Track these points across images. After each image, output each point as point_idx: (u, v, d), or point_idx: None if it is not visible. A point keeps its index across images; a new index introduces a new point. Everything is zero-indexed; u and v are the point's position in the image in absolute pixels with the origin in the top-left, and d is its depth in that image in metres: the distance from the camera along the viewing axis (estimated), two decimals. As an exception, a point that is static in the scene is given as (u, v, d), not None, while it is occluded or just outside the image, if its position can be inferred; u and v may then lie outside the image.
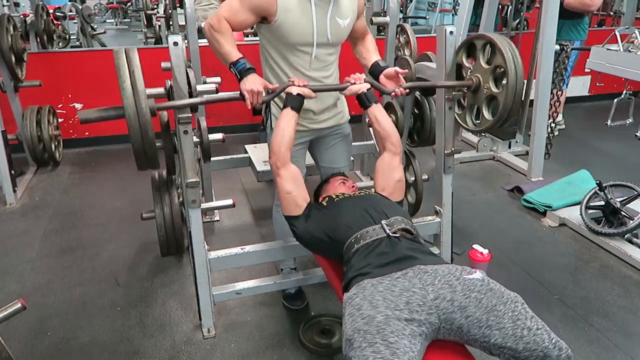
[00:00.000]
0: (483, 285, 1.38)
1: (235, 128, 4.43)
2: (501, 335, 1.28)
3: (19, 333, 2.10)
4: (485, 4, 3.63)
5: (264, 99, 1.82)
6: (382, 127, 1.91)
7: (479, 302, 1.33)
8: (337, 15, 1.88)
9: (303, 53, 1.90)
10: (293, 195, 1.79)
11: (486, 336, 1.30)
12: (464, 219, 2.96)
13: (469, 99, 2.09)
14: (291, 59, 1.91)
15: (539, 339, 1.27)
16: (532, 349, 1.26)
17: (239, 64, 1.81)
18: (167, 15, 5.57)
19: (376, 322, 1.27)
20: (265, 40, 1.94)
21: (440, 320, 1.33)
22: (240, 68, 1.81)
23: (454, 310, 1.33)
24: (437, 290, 1.36)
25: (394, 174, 1.89)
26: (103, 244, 2.80)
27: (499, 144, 3.95)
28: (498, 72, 1.91)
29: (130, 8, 10.27)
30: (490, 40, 1.90)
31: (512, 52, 1.85)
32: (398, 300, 1.34)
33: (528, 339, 1.26)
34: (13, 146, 3.44)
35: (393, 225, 1.61)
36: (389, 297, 1.35)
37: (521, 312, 1.32)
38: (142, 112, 1.57)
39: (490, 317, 1.31)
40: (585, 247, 2.73)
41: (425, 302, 1.34)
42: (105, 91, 3.80)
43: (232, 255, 2.07)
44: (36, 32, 4.24)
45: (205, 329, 2.09)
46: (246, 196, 3.39)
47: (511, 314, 1.31)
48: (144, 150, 1.65)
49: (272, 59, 1.94)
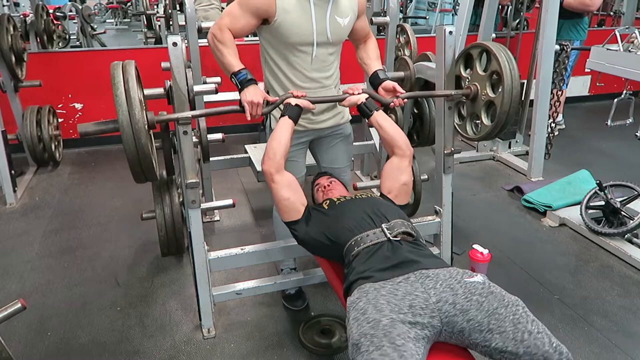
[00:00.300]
0: (484, 289, 1.38)
1: (235, 128, 4.43)
2: (502, 339, 1.28)
3: (19, 333, 2.10)
4: (485, 4, 3.63)
5: (263, 111, 1.85)
6: (386, 133, 1.91)
7: (480, 305, 1.33)
8: (337, 14, 1.88)
9: (303, 53, 1.90)
10: (291, 200, 1.78)
11: (487, 340, 1.30)
12: (464, 219, 2.96)
13: (468, 108, 2.11)
14: (291, 60, 1.91)
15: (540, 343, 1.26)
16: (532, 352, 1.25)
17: (240, 75, 1.83)
18: (167, 15, 5.58)
19: (382, 326, 1.28)
20: (265, 42, 1.94)
21: (442, 324, 1.33)
22: (241, 79, 1.82)
23: (456, 314, 1.33)
24: (439, 294, 1.37)
25: (401, 176, 1.89)
26: (103, 244, 2.80)
27: (499, 144, 3.96)
28: (494, 78, 1.94)
29: (130, 9, 10.27)
30: (485, 47, 1.95)
31: (506, 56, 1.89)
32: (401, 303, 1.35)
33: (529, 343, 1.26)
34: (13, 146, 3.44)
35: (393, 228, 1.62)
36: (392, 300, 1.36)
37: (522, 315, 1.32)
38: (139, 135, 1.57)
39: (491, 321, 1.31)
40: (585, 247, 2.73)
41: (427, 305, 1.34)
42: (105, 91, 3.81)
43: (232, 255, 2.07)
44: (36, 32, 4.24)
45: (205, 329, 2.09)
46: (246, 196, 3.39)
47: (512, 317, 1.31)
48: (141, 169, 1.66)
49: (272, 61, 1.94)
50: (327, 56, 1.95)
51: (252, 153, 3.02)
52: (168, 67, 1.78)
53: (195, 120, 2.52)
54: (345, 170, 2.23)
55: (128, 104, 1.56)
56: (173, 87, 1.79)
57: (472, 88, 2.02)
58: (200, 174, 2.85)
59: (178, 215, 2.42)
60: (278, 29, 1.83)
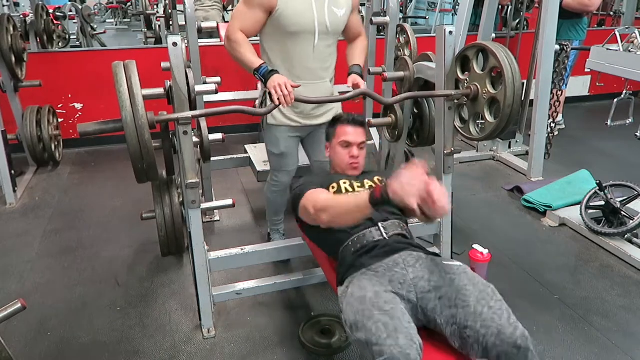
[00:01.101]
0: (459, 269, 1.47)
1: (235, 128, 4.43)
2: (464, 313, 1.32)
3: (19, 333, 2.10)
4: (485, 4, 3.63)
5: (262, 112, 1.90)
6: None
7: (452, 282, 1.41)
8: (334, 4, 1.99)
9: (304, 42, 1.97)
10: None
11: (453, 316, 1.34)
12: (464, 219, 2.96)
13: (469, 109, 2.11)
14: (291, 50, 1.99)
15: (497, 317, 1.29)
16: (488, 325, 1.27)
17: (262, 69, 1.91)
18: (167, 15, 5.58)
19: (368, 299, 1.38)
20: (265, 34, 2.01)
21: (418, 300, 1.42)
22: (263, 72, 1.90)
23: (430, 290, 1.42)
24: (416, 272, 1.48)
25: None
26: (103, 244, 2.80)
27: (499, 144, 3.96)
28: (494, 74, 1.94)
29: (130, 9, 10.27)
30: (481, 46, 1.96)
31: (504, 52, 1.89)
32: (382, 279, 1.47)
33: (486, 316, 1.29)
34: (13, 146, 3.44)
35: (389, 229, 1.67)
36: (374, 278, 1.49)
37: (489, 293, 1.36)
38: (142, 131, 1.58)
39: (459, 296, 1.37)
40: (585, 247, 2.73)
41: (405, 280, 1.46)
42: (105, 91, 3.82)
43: (232, 255, 2.07)
44: (36, 32, 4.23)
45: (205, 329, 2.09)
46: (246, 196, 3.39)
47: (478, 294, 1.36)
48: (143, 167, 1.67)
49: (272, 51, 2.02)
50: (326, 47, 2.04)
51: (252, 153, 3.03)
52: (168, 67, 1.78)
53: (196, 120, 2.52)
54: None
55: (132, 100, 1.57)
56: (173, 87, 1.79)
57: (472, 88, 2.01)
58: (200, 174, 2.85)
59: (178, 215, 2.42)
60: (279, 19, 1.91)
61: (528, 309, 2.22)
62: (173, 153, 2.20)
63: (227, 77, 1.94)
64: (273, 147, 2.24)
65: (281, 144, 2.20)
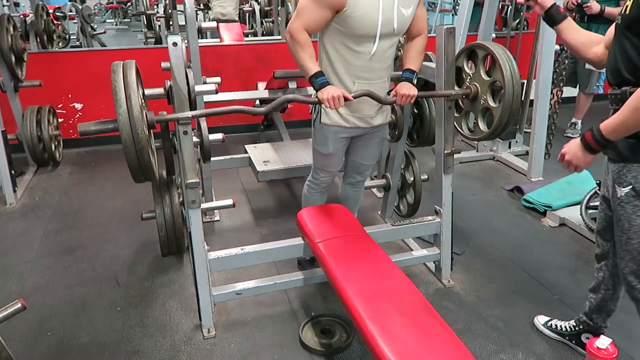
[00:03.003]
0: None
1: (235, 128, 4.43)
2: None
3: (19, 333, 2.10)
4: (485, 4, 3.63)
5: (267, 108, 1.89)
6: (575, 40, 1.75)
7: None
8: (402, 5, 1.89)
9: (368, 43, 1.90)
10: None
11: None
12: (464, 219, 2.96)
13: (466, 104, 2.12)
14: (354, 50, 1.91)
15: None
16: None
17: (320, 78, 1.89)
18: (167, 15, 5.58)
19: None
20: (327, 32, 1.94)
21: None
22: (321, 81, 1.89)
23: None
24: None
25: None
26: (103, 244, 2.80)
27: (499, 144, 3.96)
28: (496, 86, 1.95)
29: (130, 9, 10.28)
30: (492, 53, 1.94)
31: (511, 68, 1.90)
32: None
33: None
34: (13, 146, 3.44)
35: None
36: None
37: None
38: (138, 138, 1.59)
39: None
40: (585, 247, 2.73)
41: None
42: (105, 91, 3.81)
43: (232, 255, 2.07)
44: (36, 32, 4.24)
45: (205, 329, 2.09)
46: (246, 196, 3.39)
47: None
48: (139, 169, 1.67)
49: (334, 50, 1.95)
50: (389, 47, 1.97)
51: (252, 153, 3.03)
52: (168, 67, 1.78)
53: (196, 120, 2.53)
54: (370, 167, 2.37)
55: (128, 105, 1.56)
56: (173, 87, 1.79)
57: (472, 88, 2.02)
58: (200, 174, 2.85)
59: (178, 215, 2.42)
60: (346, 20, 1.84)
61: (528, 308, 2.22)
62: (173, 153, 2.20)
63: (227, 77, 1.93)
64: (322, 146, 2.16)
65: (330, 144, 2.13)
